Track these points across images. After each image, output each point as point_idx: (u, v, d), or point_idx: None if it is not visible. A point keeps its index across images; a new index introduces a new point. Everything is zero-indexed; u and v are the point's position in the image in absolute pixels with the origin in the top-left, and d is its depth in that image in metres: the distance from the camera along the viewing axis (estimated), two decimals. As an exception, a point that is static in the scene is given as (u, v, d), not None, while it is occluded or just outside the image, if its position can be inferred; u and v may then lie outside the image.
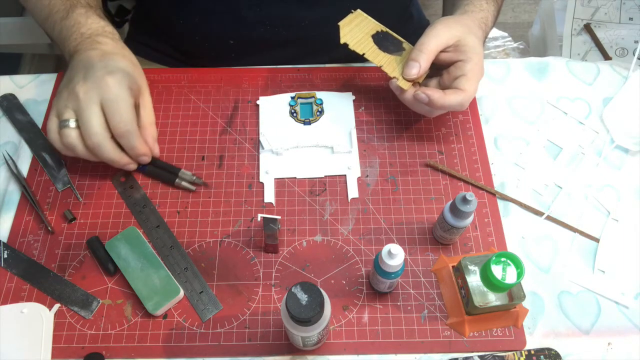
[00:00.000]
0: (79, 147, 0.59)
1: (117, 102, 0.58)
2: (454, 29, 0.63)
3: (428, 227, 0.64)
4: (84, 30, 0.64)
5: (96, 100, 0.58)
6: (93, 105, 0.58)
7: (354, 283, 0.60)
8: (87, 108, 0.58)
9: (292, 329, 0.49)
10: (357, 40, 0.66)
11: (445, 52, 0.64)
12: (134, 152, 0.61)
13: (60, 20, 0.65)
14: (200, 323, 0.58)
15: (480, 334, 0.57)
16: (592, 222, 0.64)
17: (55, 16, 0.66)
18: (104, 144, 0.58)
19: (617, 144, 0.70)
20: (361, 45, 0.66)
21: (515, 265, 0.51)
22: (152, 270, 0.59)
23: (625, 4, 1.27)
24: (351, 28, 0.66)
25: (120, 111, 0.58)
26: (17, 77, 0.76)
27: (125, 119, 0.59)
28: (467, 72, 0.62)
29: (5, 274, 0.61)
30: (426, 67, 0.63)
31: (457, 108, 0.63)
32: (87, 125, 0.58)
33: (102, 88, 0.58)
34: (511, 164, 0.68)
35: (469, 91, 0.62)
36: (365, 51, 0.65)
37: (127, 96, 0.59)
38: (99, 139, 0.58)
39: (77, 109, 0.58)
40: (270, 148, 0.68)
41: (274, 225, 0.58)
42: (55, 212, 0.64)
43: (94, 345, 0.57)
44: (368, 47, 0.66)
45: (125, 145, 0.60)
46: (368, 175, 0.67)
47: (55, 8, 0.66)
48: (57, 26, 0.66)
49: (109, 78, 0.58)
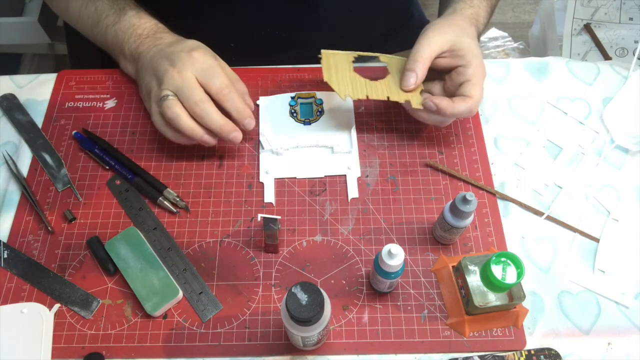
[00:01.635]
0: (182, 117, 0.59)
1: (212, 69, 0.60)
2: (446, 33, 0.63)
3: (428, 227, 0.64)
4: (141, 32, 0.66)
5: (191, 75, 0.60)
6: (190, 79, 0.60)
7: (354, 283, 0.60)
8: (185, 82, 0.59)
9: (292, 329, 0.49)
10: (351, 88, 0.65)
11: (441, 57, 0.64)
12: (240, 115, 0.62)
13: (112, 24, 0.67)
14: (200, 323, 0.58)
15: (480, 334, 0.57)
16: (592, 222, 0.64)
17: (105, 21, 0.67)
18: (210, 109, 0.60)
19: (617, 144, 0.70)
20: (358, 90, 0.65)
21: (515, 265, 0.51)
22: (151, 270, 0.59)
23: (625, 4, 1.27)
24: (335, 77, 0.65)
25: (218, 76, 0.60)
26: (17, 77, 0.75)
27: (224, 81, 0.60)
28: (471, 78, 0.62)
29: (5, 274, 0.61)
30: (423, 75, 0.63)
31: (466, 115, 0.63)
32: (189, 95, 0.59)
33: (193, 63, 0.60)
34: (511, 164, 0.68)
35: (475, 97, 0.62)
36: (367, 93, 0.64)
37: (217, 64, 0.61)
38: (205, 105, 0.59)
39: (175, 86, 0.60)
40: (270, 148, 0.68)
41: (274, 225, 0.58)
42: (55, 212, 0.64)
43: (94, 345, 0.57)
44: (363, 86, 0.65)
45: (230, 108, 0.61)
46: (368, 175, 0.67)
47: (103, 14, 0.68)
48: (109, 31, 0.67)
49: (195, 53, 0.61)
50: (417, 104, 0.64)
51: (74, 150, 0.69)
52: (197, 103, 0.59)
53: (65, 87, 0.74)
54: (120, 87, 0.74)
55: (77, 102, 0.73)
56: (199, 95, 0.59)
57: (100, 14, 0.68)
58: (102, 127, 0.71)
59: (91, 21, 0.69)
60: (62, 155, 0.68)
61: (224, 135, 0.61)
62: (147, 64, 0.64)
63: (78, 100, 0.73)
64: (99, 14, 0.68)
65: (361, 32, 0.82)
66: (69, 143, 0.69)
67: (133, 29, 0.67)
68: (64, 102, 0.73)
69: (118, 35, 0.67)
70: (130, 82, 0.74)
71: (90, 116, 0.72)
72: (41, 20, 1.15)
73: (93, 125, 0.71)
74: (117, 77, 0.75)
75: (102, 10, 0.68)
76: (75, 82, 0.75)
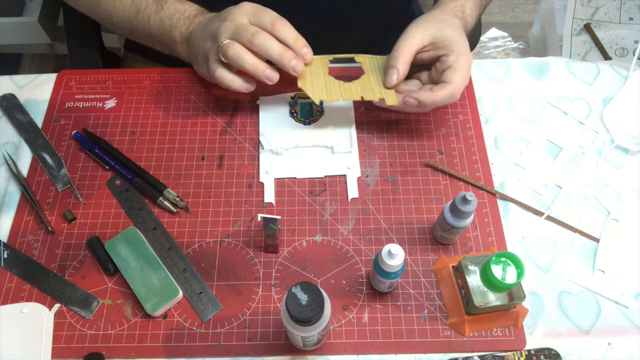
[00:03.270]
0: (243, 53, 0.61)
1: (261, 9, 0.62)
2: (426, 27, 0.64)
3: (428, 227, 0.64)
4: (188, 14, 0.67)
5: (243, 19, 0.62)
6: (243, 21, 0.61)
7: (354, 283, 0.60)
8: (240, 25, 0.61)
9: (292, 329, 0.49)
10: (325, 92, 0.66)
11: (424, 51, 0.65)
12: (297, 43, 0.63)
13: (155, 13, 0.68)
14: (200, 323, 0.58)
15: (480, 334, 0.57)
16: (592, 222, 0.64)
17: (146, 12, 0.68)
18: (267, 37, 0.61)
19: (617, 144, 0.70)
20: (332, 93, 0.66)
21: (515, 265, 0.51)
22: (151, 270, 0.59)
23: (625, 4, 1.27)
24: (310, 82, 0.66)
25: (268, 12, 0.62)
26: (17, 77, 0.75)
27: (275, 15, 0.62)
28: (452, 63, 0.63)
29: (5, 274, 0.61)
30: (405, 71, 0.64)
31: (448, 101, 0.63)
32: (245, 29, 0.60)
33: (242, 12, 0.62)
34: (511, 164, 0.68)
35: (456, 82, 0.62)
36: (341, 96, 0.65)
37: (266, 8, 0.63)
38: (261, 34, 0.61)
39: (231, 33, 0.61)
40: (270, 148, 0.68)
41: (274, 225, 0.58)
42: (55, 212, 0.64)
43: (94, 345, 0.57)
44: (337, 89, 0.66)
45: (287, 36, 0.62)
46: (368, 175, 0.67)
47: (142, 5, 0.68)
48: (153, 20, 0.68)
49: (242, 4, 0.63)
50: (392, 100, 0.65)
51: (74, 150, 0.69)
52: (254, 34, 0.60)
53: (65, 87, 0.74)
54: (120, 87, 0.74)
55: (77, 102, 0.73)
56: (254, 28, 0.61)
57: (138, 5, 0.69)
58: (102, 127, 0.71)
59: (129, 13, 0.69)
60: (62, 155, 0.68)
61: (285, 63, 0.62)
62: (200, 34, 0.65)
63: (78, 100, 0.73)
64: (137, 6, 0.69)
65: (361, 31, 0.82)
66: (69, 143, 0.69)
67: (180, 13, 0.67)
68: (64, 102, 0.73)
69: (164, 22, 0.68)
70: (130, 82, 0.74)
71: (90, 116, 0.72)
72: (41, 20, 1.14)
73: (93, 125, 0.71)
74: (117, 77, 0.75)
75: (140, 2, 0.69)
76: (75, 82, 0.75)
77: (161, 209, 0.65)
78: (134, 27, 0.71)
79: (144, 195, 0.65)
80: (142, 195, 0.65)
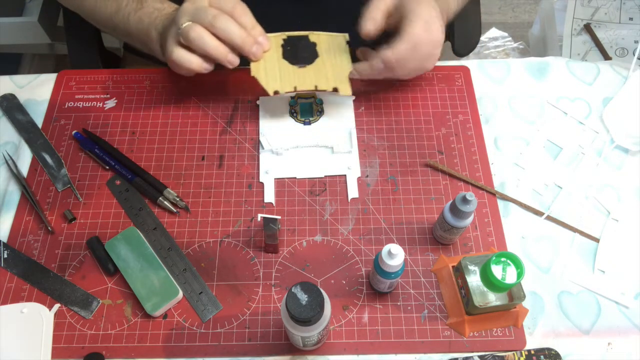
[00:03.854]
0: (205, 35, 0.60)
1: None
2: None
3: (428, 227, 0.64)
4: (166, 12, 0.67)
5: (204, 1, 0.61)
6: (203, 4, 0.60)
7: (354, 283, 0.60)
8: (200, 7, 0.60)
9: (292, 329, 0.49)
10: (279, 80, 0.65)
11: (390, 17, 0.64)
12: (256, 31, 0.63)
13: (134, 11, 0.67)
14: (200, 323, 0.58)
15: (480, 334, 0.57)
16: (592, 222, 0.64)
17: (126, 9, 0.68)
18: (229, 21, 0.60)
19: (617, 144, 0.70)
20: (286, 82, 0.65)
21: (515, 265, 0.51)
22: (151, 271, 0.59)
23: (625, 4, 1.27)
24: (264, 69, 0.65)
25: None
26: (17, 77, 0.76)
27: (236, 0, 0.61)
28: (408, 14, 0.61)
29: (5, 274, 0.61)
30: (381, 23, 0.63)
31: (414, 56, 0.62)
32: (205, 12, 0.60)
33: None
34: (511, 164, 0.68)
35: (413, 32, 0.61)
36: (295, 85, 0.65)
37: None
38: (223, 17, 0.60)
39: (190, 13, 0.60)
40: (270, 148, 0.68)
41: (274, 225, 0.58)
42: (55, 212, 0.64)
43: (94, 345, 0.57)
44: (291, 77, 0.65)
45: (246, 23, 0.62)
46: (368, 175, 0.67)
47: (123, 2, 0.68)
48: (132, 18, 0.67)
49: None
50: (346, 91, 0.65)
51: (74, 150, 0.69)
52: (215, 17, 0.60)
53: (65, 87, 0.74)
54: (121, 87, 0.74)
55: (77, 102, 0.73)
56: (215, 11, 0.60)
57: (120, 3, 0.68)
58: (102, 127, 0.71)
59: (110, 10, 0.69)
60: (62, 155, 0.68)
61: (246, 48, 0.62)
62: (168, 24, 0.64)
63: (78, 100, 0.73)
64: (119, 3, 0.68)
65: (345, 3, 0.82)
66: (69, 143, 0.69)
67: (158, 11, 0.67)
68: (64, 102, 0.73)
69: (143, 20, 0.67)
70: (130, 82, 0.74)
71: (90, 116, 0.72)
72: (41, 20, 1.15)
73: (93, 125, 0.71)
74: (117, 77, 0.75)
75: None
76: (75, 82, 0.75)
77: (161, 209, 0.65)
78: (115, 25, 0.70)
79: (144, 195, 0.65)
80: (142, 195, 0.65)
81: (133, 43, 0.72)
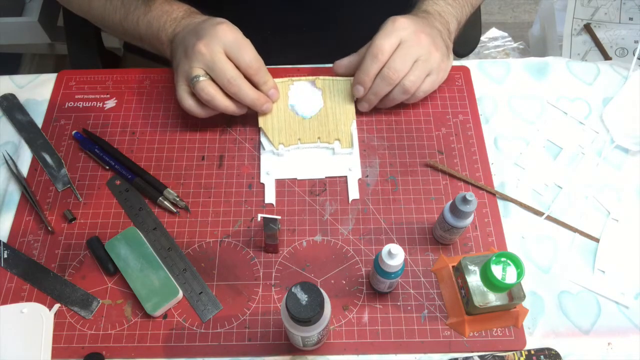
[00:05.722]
0: (218, 97, 0.61)
1: (240, 43, 0.61)
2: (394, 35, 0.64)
3: (428, 227, 0.64)
4: (175, 15, 0.67)
5: (220, 49, 0.60)
6: (220, 54, 0.60)
7: (354, 283, 0.60)
8: (216, 57, 0.60)
9: (292, 329, 0.49)
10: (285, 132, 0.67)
11: None
12: (268, 86, 0.65)
13: (143, 15, 0.67)
14: (200, 323, 0.58)
15: (480, 334, 0.57)
16: (592, 222, 0.64)
17: (135, 13, 0.68)
18: (243, 85, 0.61)
19: (617, 144, 0.70)
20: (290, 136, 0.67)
21: (515, 265, 0.51)
22: (151, 270, 0.59)
23: (625, 4, 1.27)
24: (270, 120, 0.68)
25: (246, 50, 0.61)
26: (17, 77, 0.75)
27: (253, 56, 0.61)
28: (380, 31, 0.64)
29: (5, 274, 0.61)
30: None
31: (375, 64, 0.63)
32: (222, 72, 0.60)
33: (220, 37, 0.60)
34: (511, 164, 0.68)
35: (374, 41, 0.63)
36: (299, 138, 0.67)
37: (242, 37, 0.62)
38: (239, 82, 0.61)
39: (206, 63, 0.60)
40: (271, 149, 0.68)
41: (274, 225, 0.58)
42: (55, 212, 0.64)
43: (94, 345, 0.57)
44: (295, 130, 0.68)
45: (259, 81, 0.63)
46: (368, 175, 0.67)
47: (132, 6, 0.68)
48: (141, 22, 0.68)
49: (222, 26, 0.61)
50: (347, 143, 0.67)
51: (74, 150, 0.69)
52: (230, 81, 0.60)
53: (65, 87, 0.74)
54: (121, 87, 0.74)
55: (77, 102, 0.73)
56: (230, 72, 0.60)
57: (128, 7, 0.68)
58: (102, 127, 0.71)
59: (119, 15, 0.69)
60: (62, 155, 0.68)
61: (257, 108, 0.64)
62: (179, 42, 0.65)
63: (78, 100, 0.73)
64: (127, 7, 0.68)
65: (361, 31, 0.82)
66: (69, 143, 0.69)
67: (167, 15, 0.67)
68: (64, 102, 0.73)
69: (152, 24, 0.67)
70: (130, 82, 0.74)
71: (90, 116, 0.72)
72: (41, 20, 1.15)
73: (93, 125, 0.71)
74: (117, 77, 0.75)
75: (129, 3, 0.68)
76: (75, 82, 0.75)
77: (161, 209, 0.65)
78: (125, 30, 0.71)
79: (144, 195, 0.65)
80: (142, 195, 0.65)
81: (144, 47, 0.73)
